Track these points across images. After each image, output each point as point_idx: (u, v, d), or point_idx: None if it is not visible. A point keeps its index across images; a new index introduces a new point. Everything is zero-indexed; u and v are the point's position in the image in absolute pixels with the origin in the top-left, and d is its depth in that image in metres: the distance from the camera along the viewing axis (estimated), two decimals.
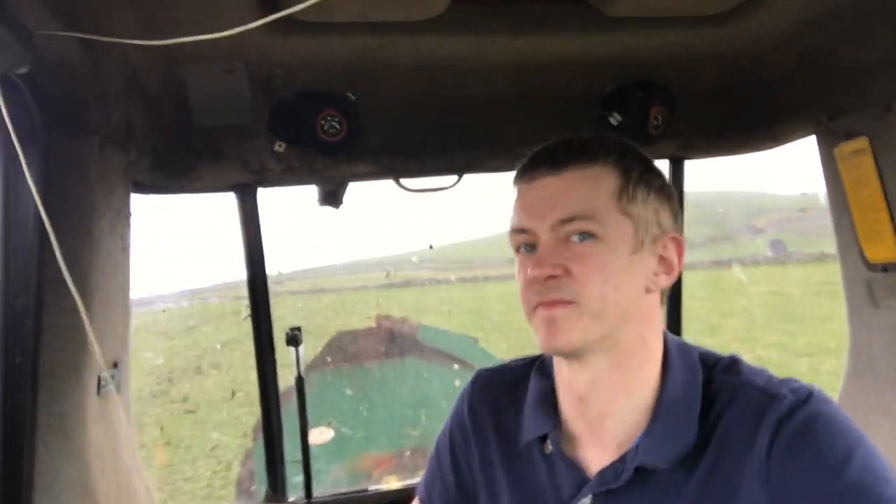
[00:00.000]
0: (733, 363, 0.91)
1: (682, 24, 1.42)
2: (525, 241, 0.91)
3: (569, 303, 0.85)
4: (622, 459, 0.89)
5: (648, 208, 0.90)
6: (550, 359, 1.01)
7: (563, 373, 0.95)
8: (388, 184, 1.75)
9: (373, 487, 1.96)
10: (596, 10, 1.32)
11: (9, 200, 1.15)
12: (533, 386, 1.02)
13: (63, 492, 1.18)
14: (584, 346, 0.87)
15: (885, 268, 1.61)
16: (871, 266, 1.65)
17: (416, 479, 1.92)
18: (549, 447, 0.95)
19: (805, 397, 0.83)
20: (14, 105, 1.10)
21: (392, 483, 2.01)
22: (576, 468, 0.92)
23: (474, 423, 1.06)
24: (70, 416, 1.21)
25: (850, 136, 1.60)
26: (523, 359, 1.09)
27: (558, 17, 1.37)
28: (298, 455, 1.90)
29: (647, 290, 0.90)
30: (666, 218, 0.92)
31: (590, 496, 0.90)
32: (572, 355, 0.90)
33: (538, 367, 1.04)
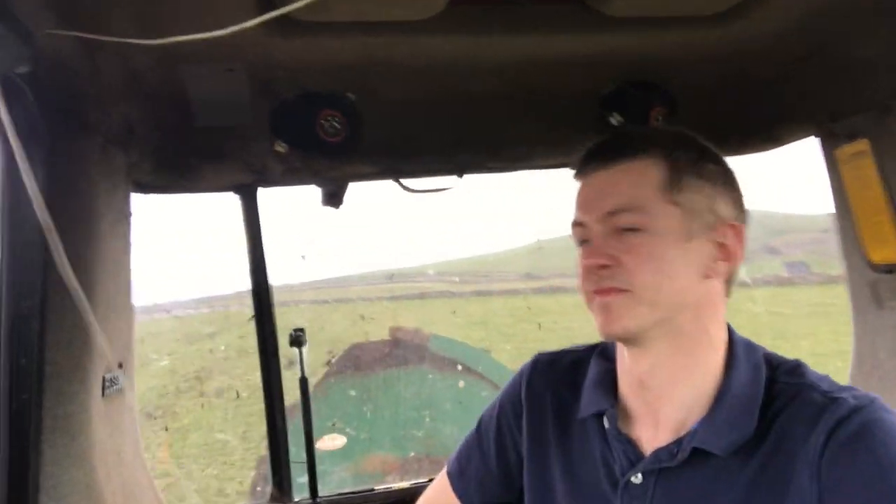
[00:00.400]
0: (797, 366, 0.94)
1: (682, 24, 1.41)
2: (581, 235, 0.96)
3: (623, 291, 0.90)
4: (678, 441, 0.92)
5: (701, 196, 0.92)
6: (613, 344, 1.06)
7: (624, 357, 1.00)
8: (395, 190, 1.76)
9: (379, 487, 1.96)
10: (595, 10, 1.31)
11: (11, 201, 1.15)
12: (594, 368, 1.07)
13: (69, 493, 1.18)
14: (639, 331, 0.91)
15: (890, 269, 1.60)
16: (875, 267, 1.65)
17: (421, 479, 1.94)
18: (607, 423, 1.00)
19: (866, 403, 0.85)
20: (15, 105, 1.10)
21: (398, 483, 2.01)
22: (631, 445, 0.97)
23: (530, 399, 1.11)
24: (75, 417, 1.22)
25: (851, 137, 1.59)
26: (584, 345, 1.14)
27: (558, 17, 1.37)
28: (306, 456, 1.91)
29: (706, 277, 0.92)
30: (723, 206, 0.94)
31: (641, 473, 0.94)
32: (630, 340, 0.94)
33: (600, 352, 1.10)
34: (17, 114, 1.11)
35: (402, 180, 1.75)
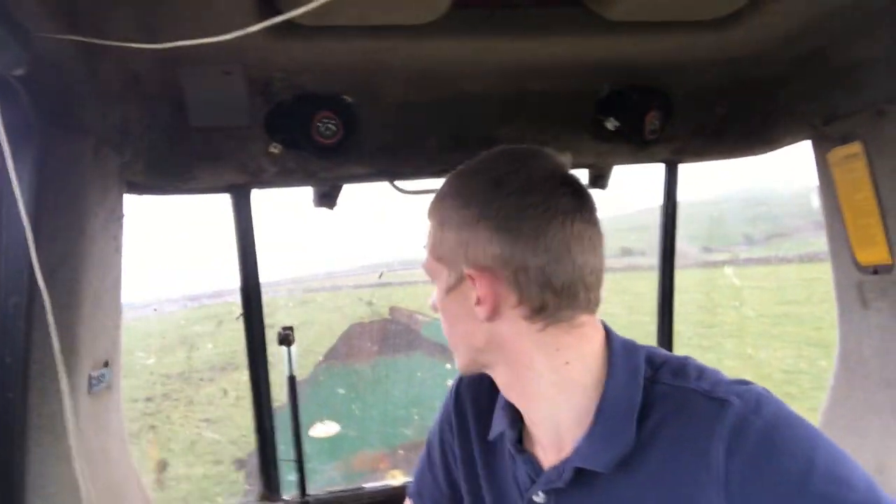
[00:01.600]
0: (682, 365, 0.89)
1: (680, 29, 1.42)
2: None
3: None
4: (563, 461, 0.91)
5: (457, 245, 0.91)
6: None
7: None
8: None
9: (368, 485, 1.96)
10: (594, 15, 1.32)
11: (2, 199, 1.14)
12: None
13: (55, 492, 1.18)
14: (464, 370, 0.99)
15: (876, 270, 1.63)
16: (862, 268, 1.67)
17: (411, 478, 1.95)
18: (510, 443, 1.00)
19: (754, 403, 0.80)
20: (9, 105, 1.09)
21: (387, 480, 2.01)
22: (532, 464, 0.96)
23: (458, 420, 1.11)
24: (61, 415, 1.20)
25: (844, 140, 1.62)
26: None
27: (557, 21, 1.38)
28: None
29: (487, 320, 0.90)
30: (475, 250, 0.89)
31: (541, 491, 0.93)
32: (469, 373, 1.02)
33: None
34: (11, 113, 1.09)
35: (396, 182, 1.75)
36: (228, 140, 1.56)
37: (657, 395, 0.86)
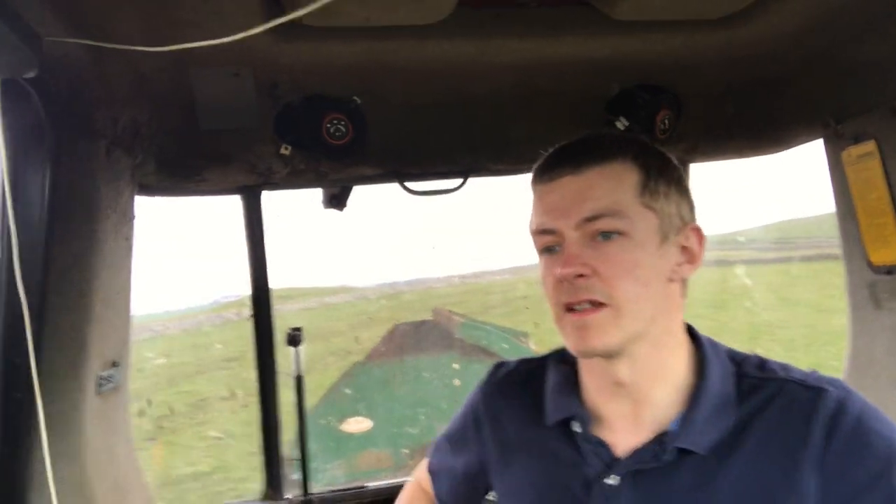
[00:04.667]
0: (762, 361, 0.96)
1: (688, 28, 1.41)
2: (550, 242, 0.92)
3: (601, 304, 0.88)
4: (658, 442, 0.91)
5: (670, 201, 0.92)
6: (564, 351, 1.03)
7: (594, 363, 0.96)
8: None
9: (370, 483, 1.97)
10: (602, 14, 1.31)
11: (15, 201, 1.15)
12: (553, 374, 1.06)
13: (62, 491, 1.18)
14: (619, 346, 0.90)
15: (890, 270, 1.61)
16: (875, 268, 1.65)
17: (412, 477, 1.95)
18: (577, 427, 0.98)
19: (845, 391, 0.88)
20: (21, 108, 1.10)
21: (389, 479, 2.01)
22: (604, 448, 0.95)
23: (490, 411, 1.12)
24: (69, 415, 1.22)
25: (858, 139, 1.60)
26: (539, 355, 1.14)
27: (564, 21, 1.37)
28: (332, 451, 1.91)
29: (670, 280, 0.92)
30: (686, 209, 0.95)
31: (617, 475, 0.92)
32: (608, 355, 0.92)
33: (556, 357, 1.09)
34: (24, 116, 1.11)
35: (406, 183, 1.75)
36: (238, 142, 1.57)
37: (747, 387, 0.92)
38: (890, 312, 1.63)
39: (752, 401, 0.91)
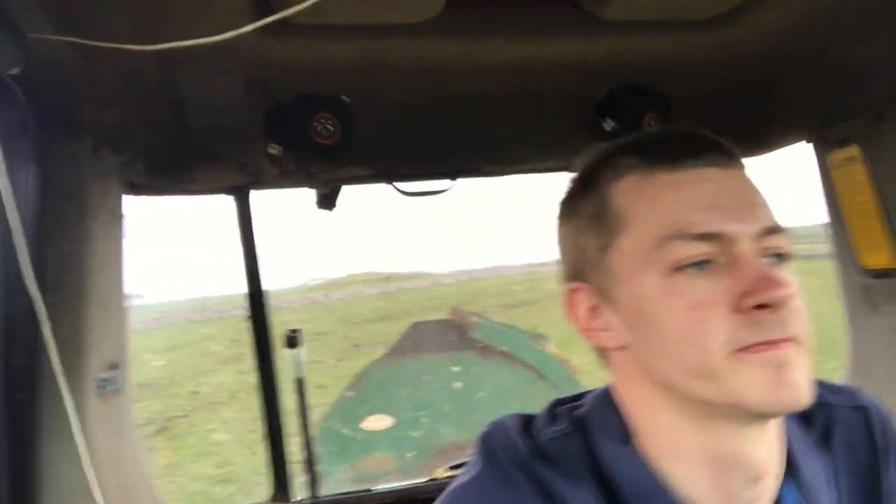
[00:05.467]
0: None
1: (677, 29, 1.42)
2: (705, 255, 0.63)
3: (790, 340, 0.61)
4: None
5: None
6: (609, 421, 0.71)
7: (698, 444, 0.66)
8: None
9: (377, 487, 1.96)
10: (590, 14, 1.31)
11: (2, 201, 1.15)
12: (618, 459, 0.68)
13: (66, 493, 1.18)
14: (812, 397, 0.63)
15: (883, 273, 1.61)
16: (868, 272, 1.65)
17: (422, 479, 1.94)
18: None
19: (872, 401, 0.80)
20: (7, 106, 1.10)
21: (396, 482, 2.00)
22: None
23: None
24: (71, 417, 1.21)
25: (843, 143, 1.60)
26: (540, 419, 0.74)
27: (553, 21, 1.37)
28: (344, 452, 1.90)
29: None
30: None
31: None
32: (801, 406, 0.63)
33: (593, 428, 0.71)
34: (9, 114, 1.11)
35: (396, 183, 1.74)
36: (227, 140, 1.57)
37: (796, 418, 0.75)
38: (886, 316, 1.63)
39: (812, 435, 0.74)
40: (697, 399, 0.63)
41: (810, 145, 1.73)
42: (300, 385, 1.92)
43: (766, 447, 0.67)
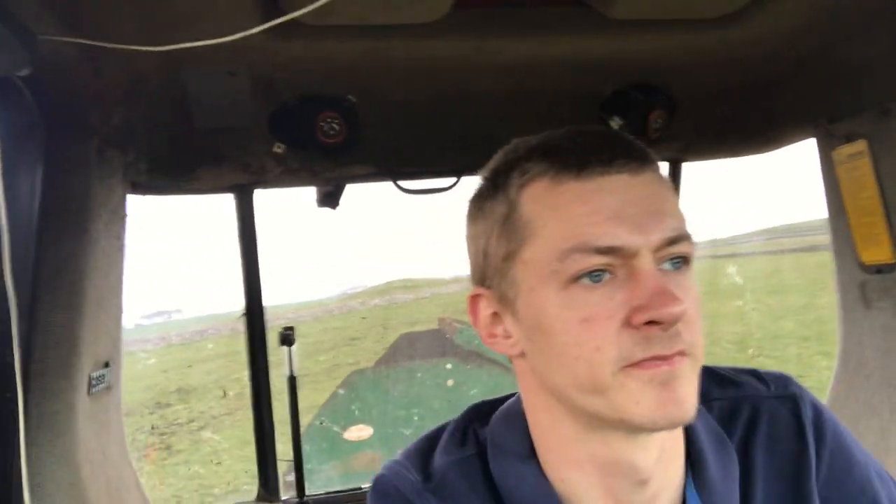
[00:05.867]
0: (712, 371, 0.78)
1: (683, 28, 1.42)
2: (602, 265, 0.62)
3: (683, 354, 0.61)
4: None
5: None
6: (511, 439, 0.72)
7: (589, 451, 0.67)
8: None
9: (366, 486, 1.96)
10: (597, 13, 1.31)
11: (7, 199, 1.15)
12: (512, 481, 0.70)
13: (54, 492, 1.18)
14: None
15: (880, 269, 1.63)
16: (865, 267, 1.67)
17: None
18: None
19: (803, 389, 0.77)
20: (13, 106, 1.10)
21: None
22: None
23: None
24: (61, 415, 1.21)
25: (849, 138, 1.61)
26: (441, 442, 0.75)
27: (559, 20, 1.37)
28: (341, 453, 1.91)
29: None
30: None
31: None
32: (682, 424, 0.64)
33: (480, 445, 0.74)
34: (16, 114, 1.11)
35: (399, 182, 1.75)
36: (232, 140, 1.57)
37: (720, 413, 0.75)
38: (880, 312, 1.65)
39: (735, 431, 0.73)
40: (587, 412, 0.64)
41: (813, 141, 1.75)
42: (292, 383, 1.92)
43: (654, 453, 0.67)
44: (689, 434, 0.71)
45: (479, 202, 0.72)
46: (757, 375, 0.78)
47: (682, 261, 0.64)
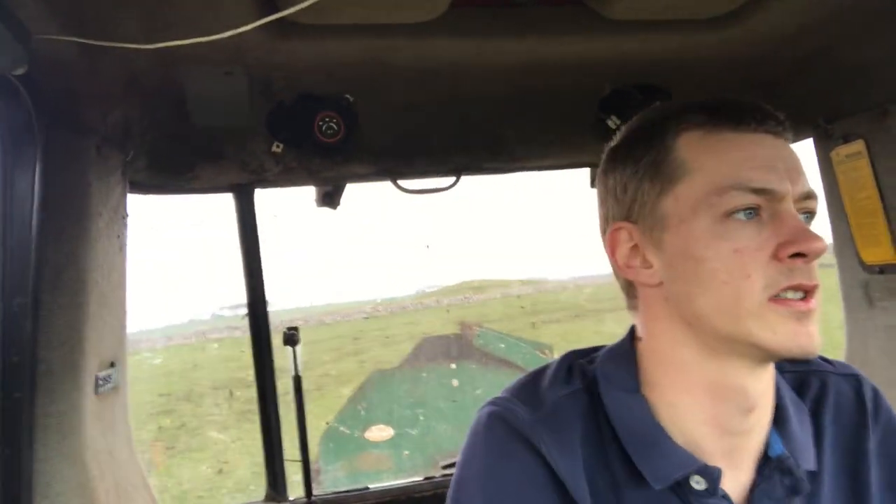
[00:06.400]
0: None
1: (681, 27, 1.41)
2: (754, 204, 0.71)
3: (816, 288, 0.70)
4: (777, 472, 0.75)
5: None
6: (619, 375, 0.79)
7: (706, 375, 0.74)
8: None
9: (373, 486, 1.96)
10: (595, 13, 1.31)
11: (5, 200, 1.15)
12: (622, 410, 0.77)
13: (62, 492, 1.18)
14: None
15: (882, 269, 1.62)
16: (867, 268, 1.66)
17: (416, 477, 1.94)
18: (699, 484, 0.74)
19: (864, 376, 0.85)
20: (12, 105, 1.10)
21: (392, 481, 2.01)
22: (727, 500, 0.74)
23: (553, 467, 0.75)
24: (68, 416, 1.21)
25: (847, 139, 1.61)
26: (545, 377, 0.82)
27: (558, 20, 1.37)
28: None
29: None
30: None
31: None
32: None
33: (587, 381, 0.80)
34: (13, 113, 1.11)
35: (399, 182, 1.75)
36: (230, 139, 1.57)
37: (793, 381, 0.83)
38: (884, 311, 1.64)
39: (805, 399, 0.81)
40: (723, 336, 0.71)
41: (810, 141, 1.75)
42: (297, 383, 1.92)
43: (763, 385, 0.75)
44: (776, 390, 0.78)
45: (626, 149, 0.80)
46: (822, 357, 0.86)
47: (811, 216, 0.74)
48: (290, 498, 1.90)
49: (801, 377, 0.83)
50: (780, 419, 0.78)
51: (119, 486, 1.37)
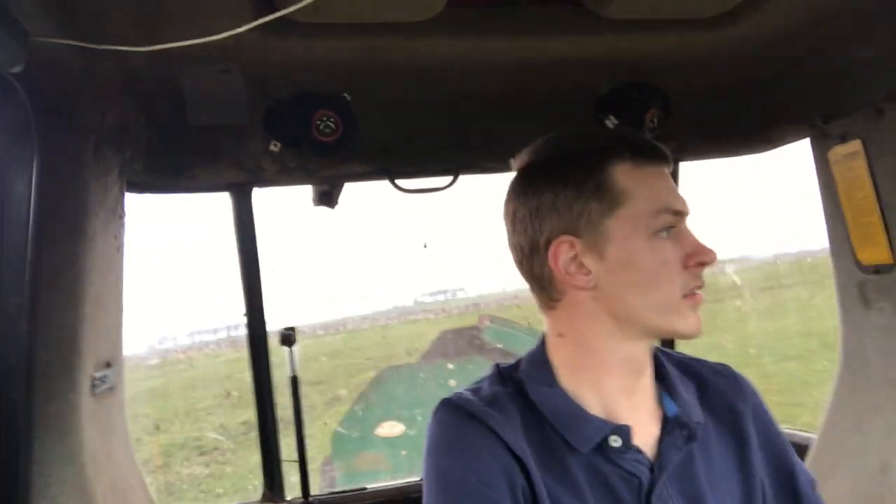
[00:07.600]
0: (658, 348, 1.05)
1: (678, 27, 1.42)
2: (673, 223, 0.91)
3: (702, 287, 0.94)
4: (677, 427, 0.93)
5: None
6: (540, 375, 0.96)
7: (631, 352, 0.94)
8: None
9: (371, 486, 1.96)
10: (592, 12, 1.32)
11: (2, 199, 1.15)
12: (546, 398, 0.93)
13: (59, 492, 1.18)
14: None
15: (878, 269, 1.62)
16: (863, 268, 1.66)
17: (414, 478, 1.95)
18: (616, 442, 0.90)
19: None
20: (8, 104, 1.10)
21: (390, 481, 2.01)
22: (640, 454, 0.91)
23: (509, 443, 0.90)
24: (64, 416, 1.21)
25: (844, 138, 1.61)
26: (483, 383, 0.99)
27: (554, 19, 1.38)
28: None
29: None
30: None
31: (660, 477, 0.89)
32: None
33: (503, 380, 0.98)
34: (10, 113, 1.11)
35: (396, 181, 1.75)
36: (227, 138, 1.57)
37: (674, 362, 1.03)
38: (880, 312, 1.64)
39: (689, 374, 1.02)
40: (650, 327, 0.92)
41: (807, 141, 1.75)
42: (294, 383, 1.92)
43: (648, 353, 0.97)
44: (665, 368, 1.00)
45: (561, 173, 0.94)
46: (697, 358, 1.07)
47: None
48: (288, 498, 1.90)
49: (685, 365, 1.03)
50: (669, 388, 0.98)
51: (116, 486, 1.36)
